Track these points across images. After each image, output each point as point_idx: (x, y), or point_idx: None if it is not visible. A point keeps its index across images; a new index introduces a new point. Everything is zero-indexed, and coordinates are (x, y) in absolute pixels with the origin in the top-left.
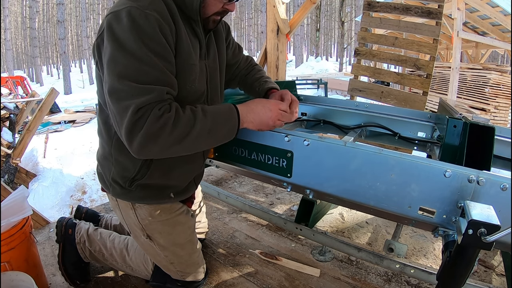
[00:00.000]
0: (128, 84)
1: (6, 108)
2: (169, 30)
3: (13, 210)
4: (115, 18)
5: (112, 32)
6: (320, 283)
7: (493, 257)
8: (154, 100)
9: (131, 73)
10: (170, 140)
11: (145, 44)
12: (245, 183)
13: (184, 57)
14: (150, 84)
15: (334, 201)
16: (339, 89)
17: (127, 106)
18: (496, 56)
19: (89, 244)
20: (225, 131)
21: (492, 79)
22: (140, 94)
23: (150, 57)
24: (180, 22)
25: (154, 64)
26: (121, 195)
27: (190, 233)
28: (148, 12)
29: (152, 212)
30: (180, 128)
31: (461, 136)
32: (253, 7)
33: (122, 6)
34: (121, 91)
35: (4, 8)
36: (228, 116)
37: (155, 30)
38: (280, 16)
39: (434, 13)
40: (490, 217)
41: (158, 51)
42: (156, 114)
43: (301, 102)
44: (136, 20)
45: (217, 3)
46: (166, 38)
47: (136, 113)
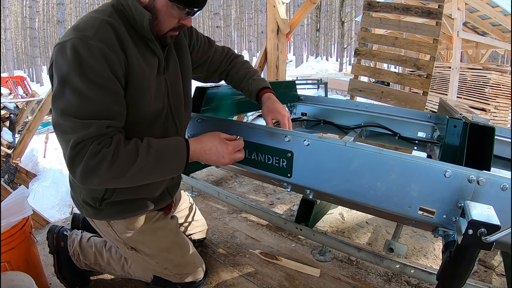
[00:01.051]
0: (69, 120)
1: (6, 108)
2: (116, 59)
3: (13, 210)
4: (60, 51)
5: (57, 66)
6: (320, 283)
7: (493, 257)
8: (92, 135)
9: (72, 109)
10: (110, 175)
11: (87, 77)
12: (245, 183)
13: (136, 83)
14: (90, 119)
15: (334, 201)
16: (339, 89)
17: (68, 140)
18: (496, 56)
19: (83, 258)
20: (172, 166)
21: (492, 79)
22: (78, 129)
23: (92, 91)
24: (130, 47)
25: (96, 98)
26: (94, 215)
27: (174, 236)
28: (92, 43)
29: (128, 225)
30: (119, 164)
31: (461, 136)
32: (253, 7)
33: (68, 37)
34: (63, 125)
35: (4, 8)
36: (175, 153)
37: (98, 61)
38: (280, 16)
39: (434, 13)
40: (490, 217)
41: (102, 84)
42: (94, 149)
43: (301, 102)
44: (79, 53)
45: (172, 20)
46: (112, 68)
47: (75, 147)
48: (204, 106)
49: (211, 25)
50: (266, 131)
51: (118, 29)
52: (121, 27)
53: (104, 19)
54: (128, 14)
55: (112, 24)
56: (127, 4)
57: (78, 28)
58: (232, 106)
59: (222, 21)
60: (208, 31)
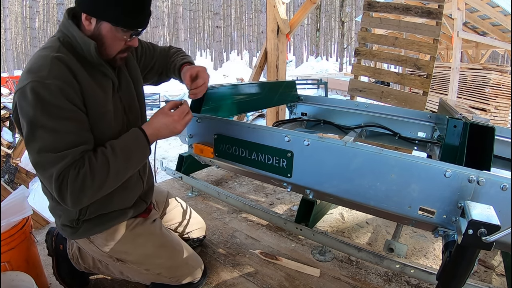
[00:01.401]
0: (47, 155)
1: (7, 108)
2: (73, 91)
3: (13, 210)
4: (22, 96)
5: (22, 110)
6: (320, 283)
7: (493, 257)
8: (69, 163)
9: (46, 145)
10: (95, 188)
11: (52, 114)
12: (245, 183)
13: (93, 109)
14: (65, 150)
15: (334, 201)
16: (339, 89)
17: (50, 174)
18: (496, 56)
19: (82, 262)
20: (140, 155)
21: (492, 79)
22: (57, 162)
23: (60, 125)
24: (83, 76)
25: (65, 130)
26: (73, 235)
27: (157, 239)
28: (48, 83)
29: (107, 237)
30: (98, 176)
31: (461, 136)
32: (253, 7)
33: (25, 81)
34: (42, 162)
35: (4, 8)
36: (137, 144)
37: (58, 98)
38: (280, 16)
39: (434, 13)
40: (490, 217)
41: (67, 116)
42: (73, 174)
43: (301, 102)
44: (39, 94)
45: (118, 43)
46: (72, 100)
47: (58, 179)
48: (204, 106)
49: (211, 25)
50: (266, 131)
51: (68, 62)
52: (71, 59)
53: (54, 56)
54: (76, 45)
55: (62, 59)
56: (73, 35)
57: (32, 70)
58: (232, 106)
59: (222, 21)
60: (208, 31)
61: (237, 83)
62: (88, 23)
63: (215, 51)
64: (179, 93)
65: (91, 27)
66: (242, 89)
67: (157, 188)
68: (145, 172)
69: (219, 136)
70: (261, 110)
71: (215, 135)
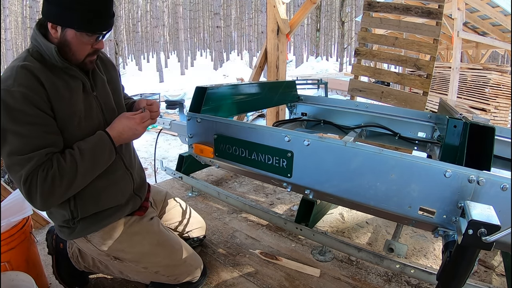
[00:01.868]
0: (14, 158)
1: None
2: (38, 96)
3: (13, 210)
4: None
5: None
6: (320, 283)
7: (493, 257)
8: (36, 165)
9: (14, 149)
10: (64, 188)
11: (17, 120)
12: (245, 183)
13: (61, 111)
14: (30, 153)
15: (334, 201)
16: (339, 89)
17: (19, 177)
18: (496, 56)
19: (82, 260)
20: (106, 156)
21: (492, 79)
22: (24, 164)
23: (25, 130)
24: (49, 82)
25: (31, 135)
26: (71, 235)
27: (154, 237)
28: (13, 90)
29: (104, 235)
30: (67, 176)
31: (461, 136)
32: (253, 7)
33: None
34: (12, 165)
35: (4, 8)
36: (102, 145)
37: (23, 104)
38: (281, 16)
39: (434, 13)
40: (490, 217)
41: (32, 121)
42: (42, 176)
43: (301, 102)
44: (5, 102)
45: (85, 47)
46: (37, 105)
47: (26, 181)
48: (204, 106)
49: (211, 25)
50: (266, 131)
51: (33, 69)
52: (36, 67)
53: (19, 65)
54: (43, 52)
55: (26, 67)
56: (39, 43)
57: (2, 80)
58: (232, 106)
59: (222, 21)
60: (208, 31)
61: (237, 83)
62: (54, 31)
63: (215, 51)
64: (179, 93)
65: (57, 34)
66: (242, 89)
67: (156, 187)
68: (133, 166)
69: (219, 136)
70: (261, 110)
71: (215, 135)
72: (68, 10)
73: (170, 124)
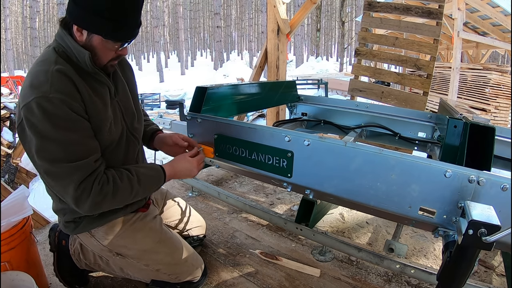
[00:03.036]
0: (61, 166)
1: (7, 108)
2: (76, 102)
3: (13, 209)
4: (29, 111)
5: (31, 124)
6: (320, 283)
7: (494, 257)
8: (87, 174)
9: (60, 156)
10: (112, 204)
11: (60, 127)
12: (246, 183)
13: (94, 117)
14: (77, 161)
15: (335, 201)
16: (339, 89)
17: (67, 184)
18: (497, 56)
19: (83, 257)
20: (155, 189)
21: (493, 79)
22: (72, 172)
23: (67, 137)
24: (82, 86)
25: (74, 142)
26: (75, 230)
27: (157, 235)
28: (52, 97)
29: (107, 230)
30: (119, 197)
31: (461, 136)
32: (253, 7)
33: (29, 98)
34: (57, 172)
35: (5, 8)
36: (157, 180)
37: (63, 110)
38: (281, 16)
39: (434, 13)
40: (491, 217)
41: (74, 127)
42: (97, 188)
43: (301, 102)
44: (45, 109)
45: (109, 52)
46: (76, 111)
47: (78, 188)
48: (204, 106)
49: (211, 25)
50: (267, 131)
51: (68, 73)
52: (69, 70)
53: (54, 69)
54: (72, 55)
55: (62, 71)
56: (68, 46)
57: (34, 86)
58: (232, 106)
59: (223, 21)
60: (208, 31)
61: (238, 83)
62: (80, 34)
63: (216, 51)
64: (179, 92)
65: (82, 38)
66: (242, 89)
67: None
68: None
69: (219, 136)
70: (261, 110)
71: (215, 135)
72: (98, 17)
73: (170, 124)
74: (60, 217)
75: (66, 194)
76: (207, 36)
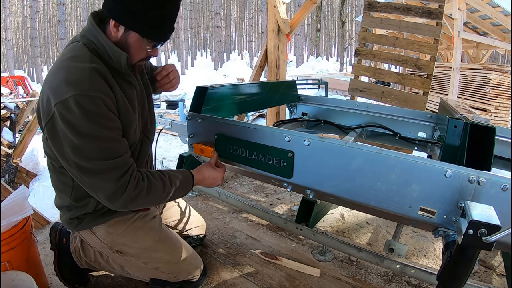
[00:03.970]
0: (99, 163)
1: (7, 107)
2: (111, 102)
3: (13, 209)
4: (65, 108)
5: (67, 122)
6: (321, 283)
7: (494, 257)
8: (125, 170)
9: (98, 154)
10: (143, 203)
11: (98, 125)
12: (246, 183)
13: (126, 119)
14: (115, 158)
15: (335, 201)
16: (339, 89)
17: (105, 180)
18: (497, 56)
19: (84, 255)
20: (183, 194)
21: (493, 79)
22: (112, 169)
23: (106, 135)
24: (115, 86)
25: (112, 139)
26: (78, 226)
27: (156, 234)
28: (91, 95)
29: (108, 228)
30: (151, 196)
31: (461, 137)
32: (253, 7)
33: (66, 94)
34: (94, 169)
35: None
36: (186, 185)
37: (102, 109)
38: (281, 16)
39: (434, 13)
40: (491, 217)
41: (111, 126)
42: (133, 184)
43: (301, 102)
44: (84, 107)
45: (142, 52)
46: (112, 110)
47: (116, 184)
48: (205, 106)
49: (211, 25)
50: (267, 131)
51: (104, 73)
52: (105, 70)
53: (92, 67)
54: (103, 53)
55: (99, 70)
56: (101, 44)
57: (72, 82)
58: (232, 106)
59: (223, 21)
60: (208, 31)
61: (238, 83)
62: (116, 30)
63: (216, 51)
64: (179, 93)
65: (118, 34)
66: (242, 89)
67: None
68: (148, 167)
69: (219, 136)
70: (262, 110)
71: (215, 135)
72: (139, 15)
73: (171, 124)
74: (63, 213)
75: (102, 190)
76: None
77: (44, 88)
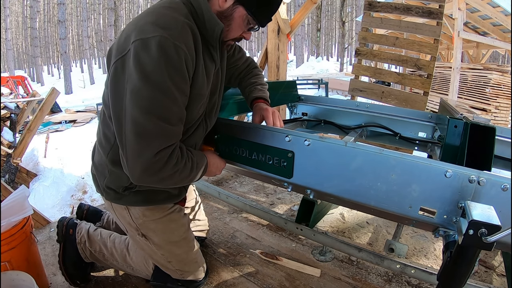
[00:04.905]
0: (153, 121)
1: (7, 107)
2: (191, 64)
3: (14, 209)
4: (144, 47)
5: (139, 61)
6: (321, 283)
7: (494, 257)
8: (171, 142)
9: (155, 108)
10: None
11: (171, 78)
12: (246, 183)
13: (197, 89)
14: (173, 125)
15: (335, 201)
16: (340, 89)
17: (147, 145)
18: (497, 56)
19: (89, 245)
20: (199, 176)
21: (493, 79)
22: (161, 135)
23: (173, 92)
24: (200, 53)
25: (176, 100)
26: (115, 200)
27: (185, 231)
28: (178, 44)
29: (146, 211)
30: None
31: (461, 136)
32: None
33: (151, 33)
34: (144, 126)
35: (5, 8)
36: (204, 169)
37: (182, 64)
38: (281, 16)
39: (435, 13)
40: (491, 217)
41: (181, 86)
42: (172, 162)
43: (301, 102)
44: (166, 52)
45: (239, 30)
46: (189, 72)
47: (155, 156)
48: None
49: None
50: (267, 131)
51: (195, 33)
52: (196, 31)
53: (185, 22)
54: (199, 19)
55: (191, 28)
56: (200, 8)
57: (160, 25)
58: (232, 106)
59: None
60: None
61: None
62: (224, 1)
63: None
64: None
65: (224, 5)
66: None
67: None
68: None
69: (219, 136)
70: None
71: (215, 135)
72: None
73: None
74: (99, 178)
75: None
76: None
77: (127, 27)
